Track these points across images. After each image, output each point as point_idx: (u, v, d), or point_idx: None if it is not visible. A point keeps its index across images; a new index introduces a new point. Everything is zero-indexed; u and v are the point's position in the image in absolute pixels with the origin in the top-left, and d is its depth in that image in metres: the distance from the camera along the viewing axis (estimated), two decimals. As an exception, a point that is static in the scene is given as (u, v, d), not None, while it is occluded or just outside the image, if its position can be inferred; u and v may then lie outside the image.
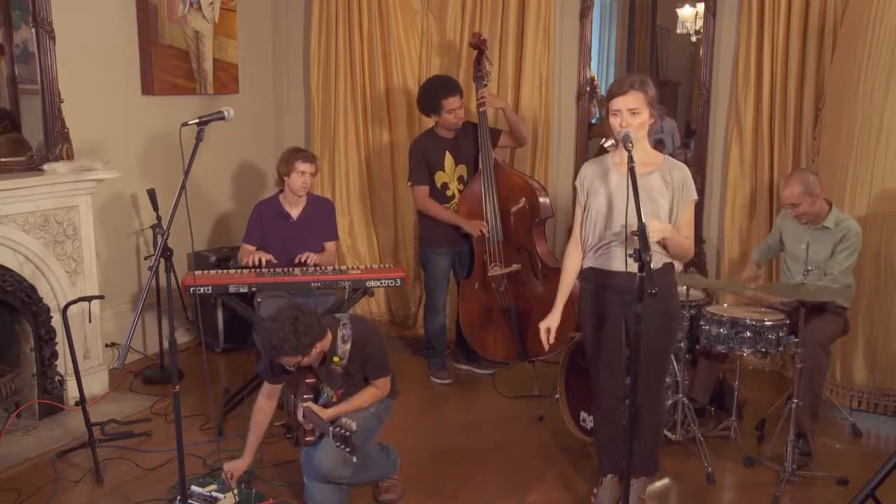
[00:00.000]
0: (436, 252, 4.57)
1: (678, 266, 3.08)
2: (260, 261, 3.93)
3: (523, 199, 4.45)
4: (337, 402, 3.09)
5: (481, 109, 4.42)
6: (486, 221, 4.40)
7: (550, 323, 3.15)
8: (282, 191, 4.20)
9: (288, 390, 3.26)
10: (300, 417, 3.04)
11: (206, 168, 5.17)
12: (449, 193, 4.54)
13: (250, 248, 4.15)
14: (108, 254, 4.71)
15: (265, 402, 3.21)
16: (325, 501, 3.12)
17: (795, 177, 3.75)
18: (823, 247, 3.67)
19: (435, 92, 4.41)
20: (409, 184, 4.57)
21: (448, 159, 4.50)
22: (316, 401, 3.07)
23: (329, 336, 2.99)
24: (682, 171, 2.97)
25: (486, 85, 4.52)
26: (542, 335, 3.15)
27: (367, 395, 3.12)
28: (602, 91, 5.33)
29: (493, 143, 4.48)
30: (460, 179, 4.55)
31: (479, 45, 4.50)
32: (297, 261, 3.99)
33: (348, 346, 3.02)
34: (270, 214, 4.18)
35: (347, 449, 2.81)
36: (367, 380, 3.13)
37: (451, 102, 4.36)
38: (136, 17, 4.72)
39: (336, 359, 3.01)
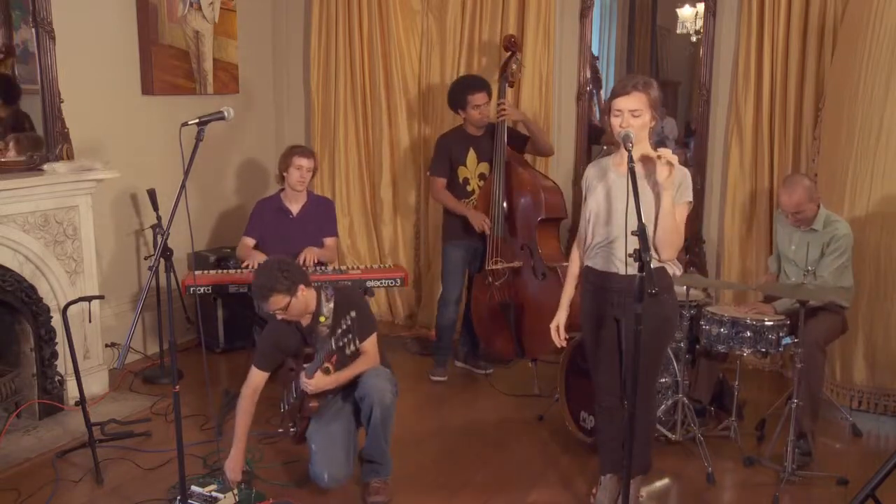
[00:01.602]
0: (451, 244, 4.62)
1: (672, 270, 3.04)
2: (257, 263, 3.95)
3: (528, 197, 4.46)
4: (334, 370, 3.16)
5: (500, 118, 4.45)
6: (493, 217, 4.43)
7: (558, 321, 3.18)
8: (283, 189, 4.24)
9: (290, 379, 3.31)
10: (304, 380, 3.11)
11: (206, 168, 5.17)
12: (469, 189, 4.58)
13: (249, 241, 4.20)
14: (108, 254, 4.71)
15: (252, 394, 3.28)
16: (335, 474, 3.17)
17: (797, 183, 3.73)
18: (812, 248, 3.66)
19: (462, 88, 4.49)
20: (428, 174, 4.64)
21: (471, 156, 4.54)
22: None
23: (314, 292, 3.20)
24: (680, 173, 2.95)
25: (510, 86, 4.59)
26: (553, 334, 3.18)
27: (362, 362, 3.23)
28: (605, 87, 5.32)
29: (518, 149, 4.55)
30: (481, 177, 4.58)
31: (511, 47, 4.55)
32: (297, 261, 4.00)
33: (332, 305, 3.21)
34: (271, 210, 4.25)
35: (350, 335, 2.98)
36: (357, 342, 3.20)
37: (477, 98, 4.41)
38: (136, 17, 4.72)
39: (322, 318, 3.17)
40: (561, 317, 3.19)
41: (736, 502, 3.43)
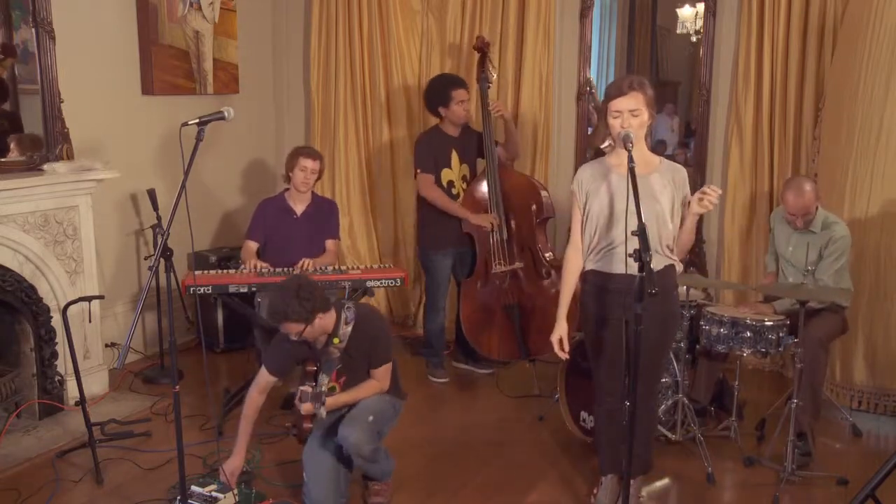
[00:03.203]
0: (439, 253, 4.56)
1: (679, 268, 3.07)
2: (256, 266, 3.94)
3: (527, 197, 4.46)
4: (341, 390, 3.12)
5: (498, 115, 4.46)
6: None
7: (560, 333, 3.12)
8: (287, 189, 4.25)
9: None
10: (296, 401, 3.06)
11: (207, 168, 5.17)
12: (454, 192, 4.54)
13: (252, 246, 4.19)
14: (108, 254, 4.71)
15: (258, 396, 3.21)
16: (324, 501, 3.12)
17: (805, 186, 3.71)
18: (811, 250, 3.66)
19: (444, 85, 4.46)
20: (417, 171, 4.49)
21: (454, 158, 4.52)
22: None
23: (333, 314, 3.06)
24: (681, 172, 2.99)
25: (489, 87, 4.55)
26: (556, 349, 3.13)
27: (367, 388, 3.16)
28: (599, 95, 5.30)
29: None
30: (464, 179, 4.56)
31: (481, 48, 4.52)
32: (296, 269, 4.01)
33: (349, 329, 3.08)
34: (275, 210, 4.25)
35: (320, 405, 2.99)
36: (369, 367, 3.16)
37: (461, 94, 4.41)
38: (136, 17, 4.72)
39: (336, 340, 3.06)
40: (562, 328, 3.12)
41: (736, 502, 3.43)
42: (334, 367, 3.11)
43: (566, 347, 3.14)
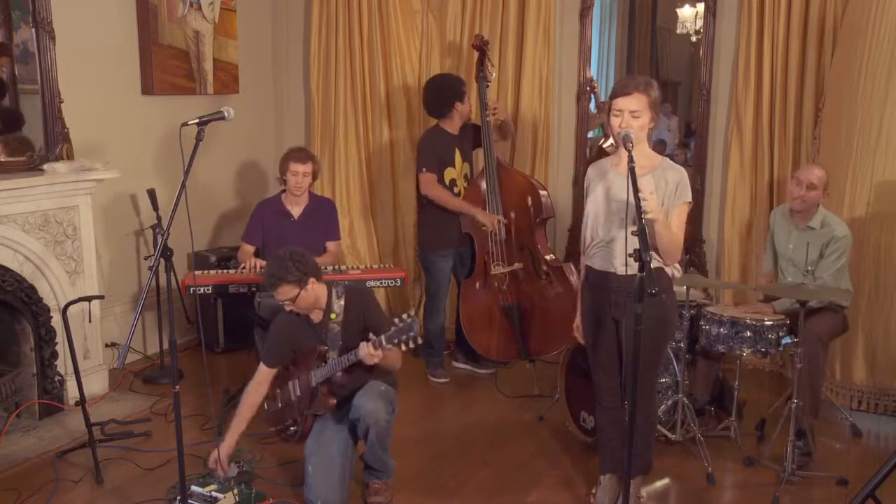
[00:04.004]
0: (438, 254, 4.56)
1: (671, 271, 3.05)
2: (256, 265, 3.94)
3: (526, 198, 4.46)
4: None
5: (497, 119, 4.49)
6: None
7: (579, 321, 3.21)
8: (284, 190, 4.24)
9: (289, 379, 3.30)
10: (367, 349, 3.00)
11: (207, 168, 5.17)
12: (457, 191, 4.54)
13: (249, 249, 4.18)
14: (109, 254, 4.71)
15: (255, 393, 3.28)
16: (328, 502, 3.11)
17: (816, 169, 3.78)
18: (812, 249, 3.66)
19: (453, 84, 4.50)
20: (423, 170, 4.46)
21: (457, 156, 4.52)
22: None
23: (324, 286, 3.20)
24: (678, 174, 2.94)
25: (488, 86, 4.56)
26: (576, 333, 3.23)
27: (390, 354, 3.10)
28: (601, 95, 5.29)
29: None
30: (465, 177, 4.57)
31: (480, 47, 4.53)
32: None
33: (343, 302, 3.21)
34: (272, 213, 4.23)
35: (412, 335, 2.87)
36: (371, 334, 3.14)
37: (466, 90, 4.47)
38: (136, 17, 4.72)
39: (333, 315, 3.17)
40: (579, 316, 3.22)
41: (736, 502, 3.42)
42: (338, 341, 3.14)
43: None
